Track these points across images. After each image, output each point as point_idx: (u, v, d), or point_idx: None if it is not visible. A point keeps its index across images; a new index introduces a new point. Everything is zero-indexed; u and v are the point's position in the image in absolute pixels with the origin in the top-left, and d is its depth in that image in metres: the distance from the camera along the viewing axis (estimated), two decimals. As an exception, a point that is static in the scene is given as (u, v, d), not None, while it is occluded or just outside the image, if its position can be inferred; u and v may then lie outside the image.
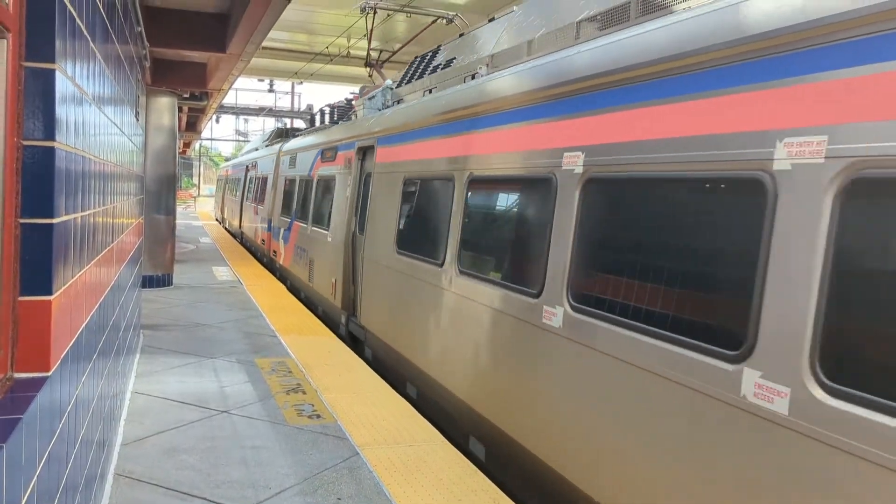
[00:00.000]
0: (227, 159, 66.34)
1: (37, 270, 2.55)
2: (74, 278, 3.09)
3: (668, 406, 3.81)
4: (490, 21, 8.41)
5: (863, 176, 2.97)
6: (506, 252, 5.99)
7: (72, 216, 2.97)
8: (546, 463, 4.91)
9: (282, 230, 16.27)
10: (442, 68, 9.05)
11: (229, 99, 57.49)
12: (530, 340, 5.24)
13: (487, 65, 7.58)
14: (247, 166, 25.13)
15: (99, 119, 3.85)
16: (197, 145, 67.86)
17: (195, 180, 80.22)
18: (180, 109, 19.65)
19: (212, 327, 10.21)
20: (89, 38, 3.43)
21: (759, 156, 3.42)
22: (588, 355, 4.52)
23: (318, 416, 6.44)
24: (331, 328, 11.18)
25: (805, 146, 3.19)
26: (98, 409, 4.14)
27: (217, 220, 39.34)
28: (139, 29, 8.07)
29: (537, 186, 5.41)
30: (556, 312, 4.90)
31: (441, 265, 6.97)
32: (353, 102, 14.53)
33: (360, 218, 10.30)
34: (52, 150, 2.57)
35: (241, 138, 69.52)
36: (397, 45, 30.06)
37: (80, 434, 3.36)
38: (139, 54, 8.30)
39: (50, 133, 2.56)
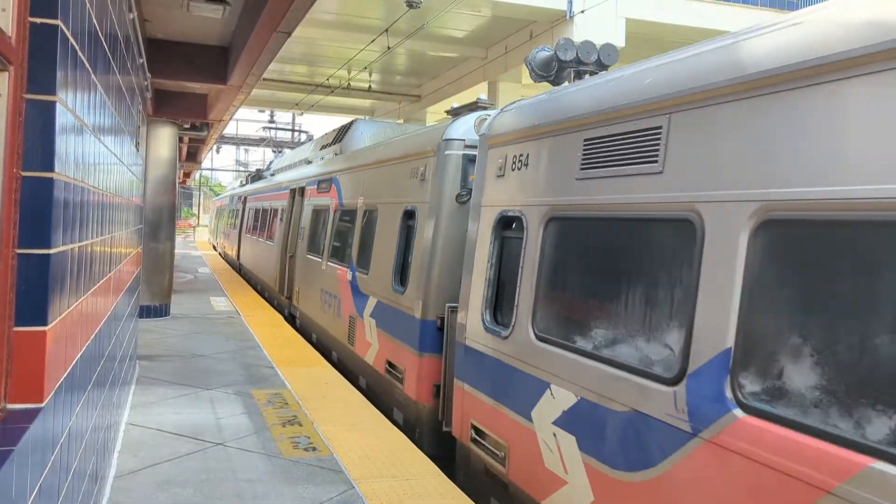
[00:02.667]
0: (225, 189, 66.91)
1: (32, 301, 2.55)
2: (70, 309, 3.08)
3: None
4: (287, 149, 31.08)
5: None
6: (259, 227, 21.04)
7: (69, 246, 2.97)
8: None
9: (226, 234, 32.46)
10: (269, 167, 27.99)
11: (230, 129, 57.88)
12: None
13: (273, 173, 24.09)
14: (223, 201, 40.53)
15: (99, 150, 3.87)
16: (197, 175, 68.14)
17: (195, 210, 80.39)
18: (181, 140, 19.78)
19: (209, 358, 10.16)
20: (91, 70, 3.46)
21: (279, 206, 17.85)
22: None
23: (314, 449, 6.39)
24: (231, 266, 27.17)
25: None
26: (91, 440, 4.10)
27: (212, 244, 43.31)
28: (141, 60, 8.15)
29: (267, 211, 19.63)
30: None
31: (241, 233, 25.25)
32: (251, 175, 32.42)
33: (245, 222, 24.41)
34: (50, 181, 2.58)
35: (241, 168, 69.87)
36: (396, 77, 30.32)
37: (72, 466, 3.32)
38: (141, 85, 8.37)
39: (49, 164, 2.57)
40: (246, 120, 67.23)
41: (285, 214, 16.13)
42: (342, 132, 14.11)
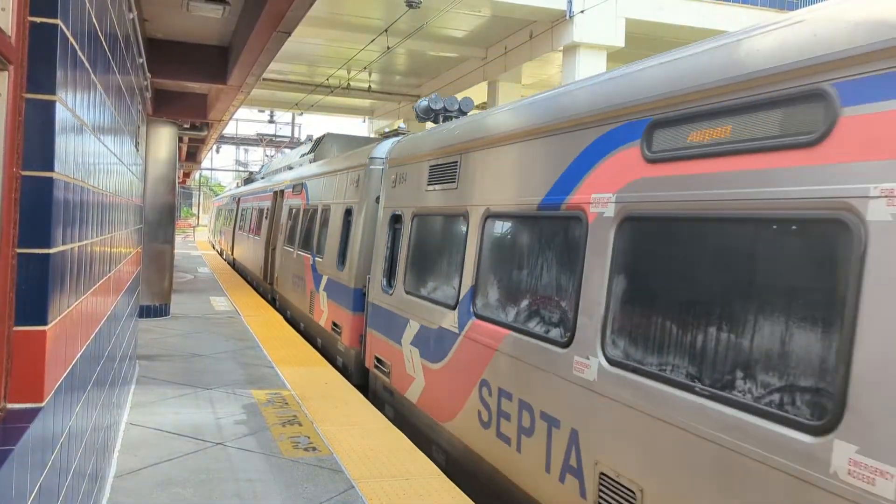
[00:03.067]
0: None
1: (32, 300, 2.55)
2: (70, 308, 3.08)
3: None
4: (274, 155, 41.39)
5: None
6: (247, 222, 24.40)
7: (69, 246, 2.97)
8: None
9: (223, 233, 35.19)
10: (260, 171, 31.49)
11: (229, 129, 57.88)
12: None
13: (263, 176, 27.33)
14: (221, 202, 43.09)
15: (98, 149, 3.87)
16: (197, 175, 68.13)
17: (194, 210, 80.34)
18: (181, 139, 19.78)
19: (208, 358, 10.16)
20: (90, 70, 3.46)
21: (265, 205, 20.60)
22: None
23: (314, 449, 6.39)
24: (226, 261, 29.81)
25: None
26: (91, 440, 4.10)
27: (211, 244, 43.49)
28: (141, 60, 8.14)
29: (256, 210, 22.39)
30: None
31: (235, 230, 28.09)
32: (245, 178, 37.26)
33: (238, 220, 27.05)
34: (50, 181, 2.58)
35: (241, 169, 69.89)
36: (396, 77, 30.30)
37: (72, 466, 3.32)
38: (141, 85, 8.37)
39: (49, 164, 2.57)
40: (246, 120, 67.18)
41: (269, 213, 19.19)
42: (316, 143, 17.13)
